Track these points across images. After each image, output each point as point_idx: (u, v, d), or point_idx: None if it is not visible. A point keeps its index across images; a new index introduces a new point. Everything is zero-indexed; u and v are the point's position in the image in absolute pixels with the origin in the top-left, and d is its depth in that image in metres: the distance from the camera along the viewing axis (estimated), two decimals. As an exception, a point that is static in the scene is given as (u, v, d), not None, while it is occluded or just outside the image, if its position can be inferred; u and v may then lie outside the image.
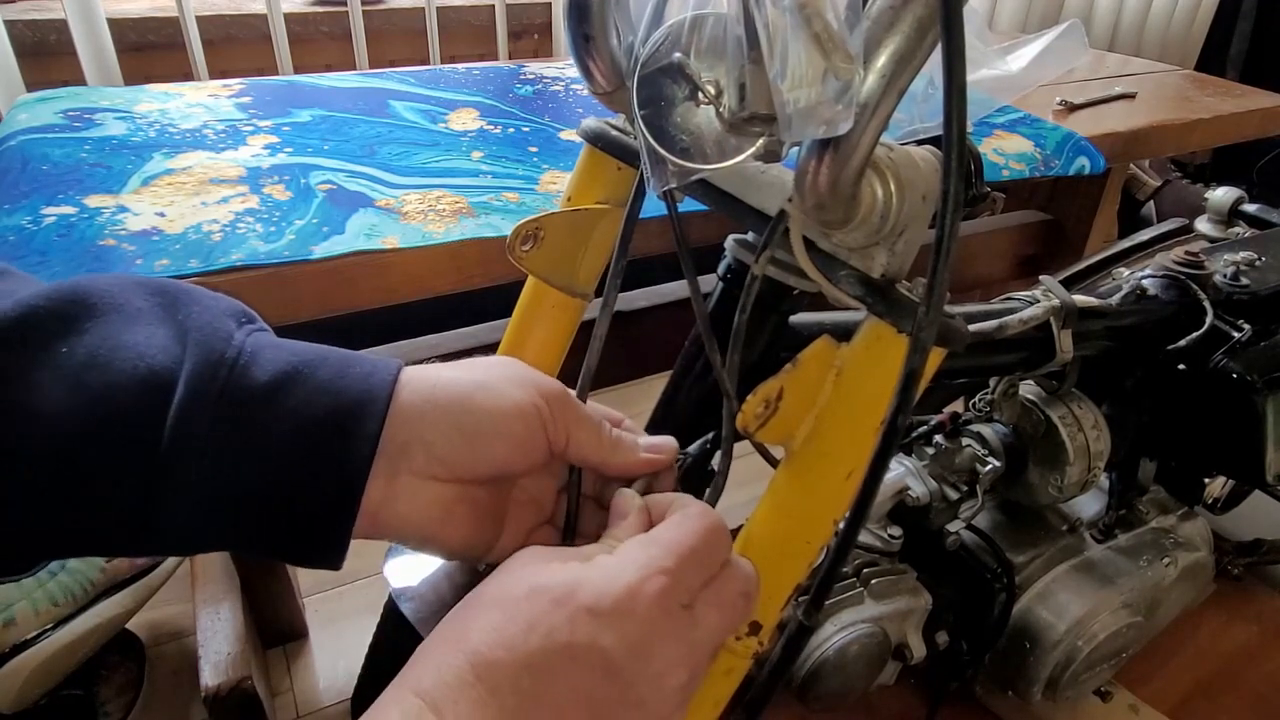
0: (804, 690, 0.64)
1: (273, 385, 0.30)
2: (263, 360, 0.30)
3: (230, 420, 0.29)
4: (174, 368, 0.29)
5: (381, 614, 0.51)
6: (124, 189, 0.67)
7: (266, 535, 0.31)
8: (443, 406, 0.32)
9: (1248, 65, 2.08)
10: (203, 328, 0.30)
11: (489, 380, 0.34)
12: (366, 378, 0.31)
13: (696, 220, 0.67)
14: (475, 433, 0.33)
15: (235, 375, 0.29)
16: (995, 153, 0.91)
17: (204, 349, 0.30)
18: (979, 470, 0.70)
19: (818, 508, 0.34)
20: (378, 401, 0.31)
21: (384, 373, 0.32)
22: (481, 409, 0.33)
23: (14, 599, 0.75)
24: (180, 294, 0.32)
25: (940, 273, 0.27)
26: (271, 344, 0.31)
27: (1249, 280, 0.77)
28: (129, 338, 0.29)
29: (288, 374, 0.30)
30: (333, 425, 0.30)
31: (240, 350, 0.30)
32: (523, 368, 0.36)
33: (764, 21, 0.25)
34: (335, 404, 0.30)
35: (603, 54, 0.36)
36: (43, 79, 1.02)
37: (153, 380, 0.28)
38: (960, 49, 0.24)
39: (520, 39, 1.40)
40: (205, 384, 0.29)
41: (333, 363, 0.31)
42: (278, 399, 0.30)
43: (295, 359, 0.31)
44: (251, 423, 0.29)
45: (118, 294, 0.30)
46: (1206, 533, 0.83)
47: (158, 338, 0.30)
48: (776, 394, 0.33)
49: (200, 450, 0.29)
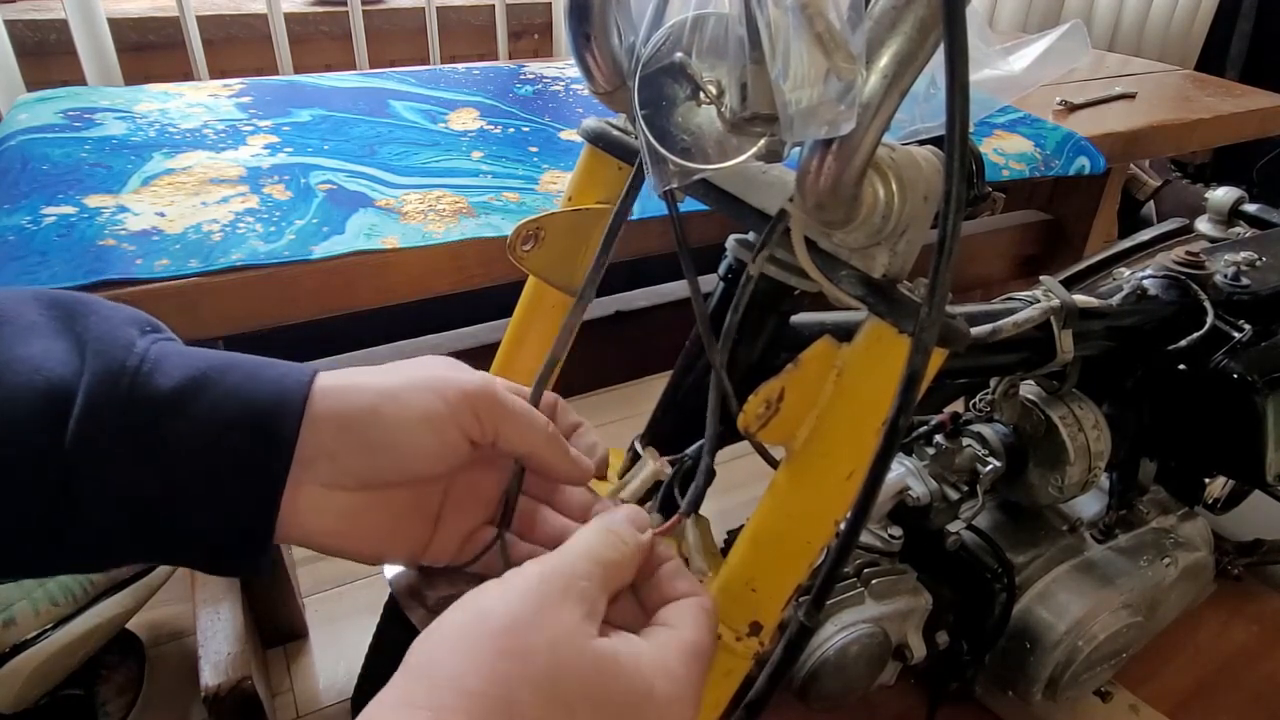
0: (804, 690, 0.64)
1: (179, 391, 0.29)
2: (167, 367, 0.29)
3: (135, 428, 0.28)
4: (72, 379, 0.28)
5: (381, 614, 0.51)
6: (124, 189, 0.67)
7: (182, 545, 0.30)
8: (348, 418, 0.31)
9: (1248, 65, 2.08)
10: (102, 337, 0.29)
11: (398, 387, 0.32)
12: (279, 381, 0.31)
13: (697, 220, 0.67)
14: (381, 444, 0.31)
15: (138, 383, 0.29)
16: (995, 153, 0.91)
17: (104, 358, 0.29)
18: (979, 470, 0.70)
19: (819, 508, 0.34)
20: (292, 404, 0.30)
21: (297, 376, 0.31)
22: (388, 419, 0.31)
23: (14, 599, 0.74)
24: (78, 306, 0.31)
25: (942, 273, 0.27)
26: (177, 352, 0.30)
27: (1249, 280, 0.77)
28: (23, 351, 0.28)
29: (194, 380, 0.29)
30: (246, 431, 0.29)
31: (143, 358, 0.29)
32: (445, 368, 0.34)
33: (766, 21, 0.25)
34: (247, 409, 0.30)
35: (604, 54, 0.36)
36: (43, 79, 1.01)
37: (50, 393, 0.27)
38: (963, 49, 0.24)
39: (520, 39, 1.40)
40: (106, 392, 0.28)
41: (243, 368, 0.30)
42: (185, 405, 0.29)
43: (203, 364, 0.30)
44: (157, 430, 0.28)
45: (10, 308, 0.29)
46: (1206, 533, 0.83)
47: (55, 350, 0.29)
48: (778, 394, 0.33)
49: (104, 459, 0.28)
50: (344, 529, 0.32)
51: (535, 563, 0.28)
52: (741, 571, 0.36)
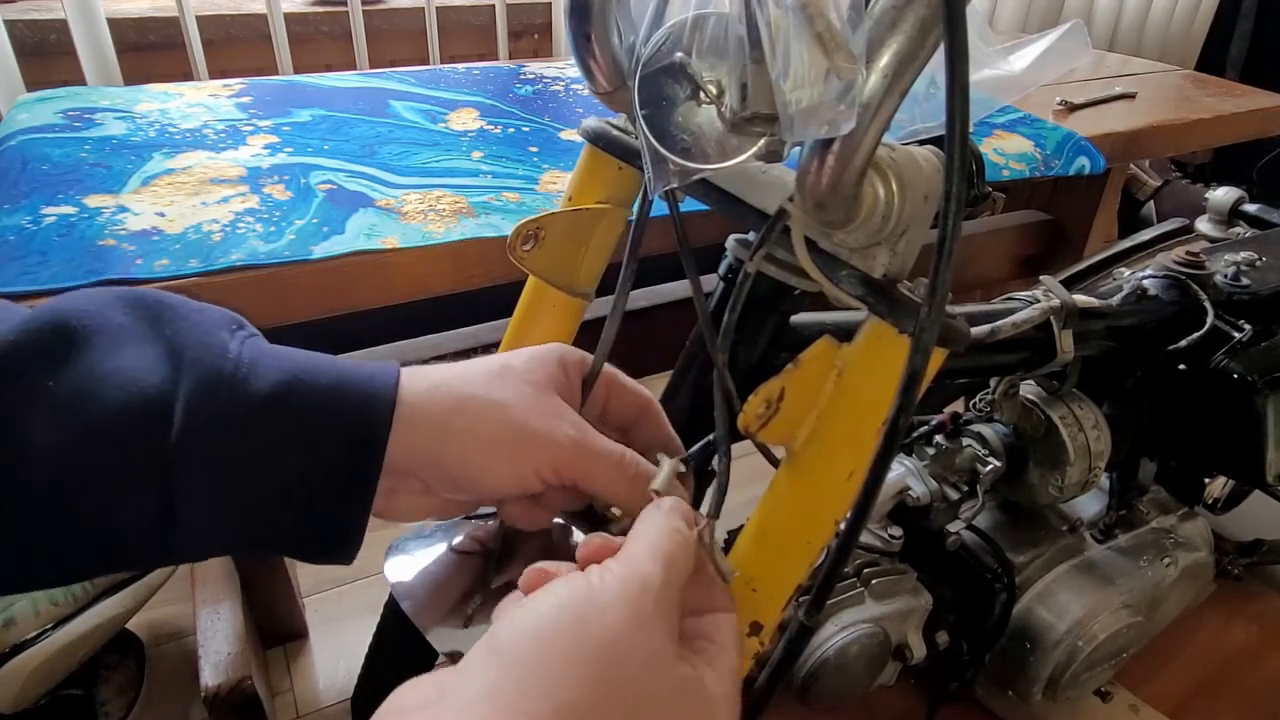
0: (804, 690, 0.64)
1: (273, 397, 0.30)
2: (261, 371, 0.30)
3: (234, 435, 0.29)
4: (166, 388, 0.29)
5: (381, 614, 0.51)
6: (124, 189, 0.67)
7: (280, 538, 0.32)
8: (446, 460, 0.32)
9: (1248, 65, 2.08)
10: (196, 345, 0.30)
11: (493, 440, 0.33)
12: (368, 383, 0.32)
13: (697, 220, 0.67)
14: (474, 487, 0.33)
15: (235, 388, 0.30)
16: (995, 153, 0.91)
17: (201, 366, 0.29)
18: (979, 470, 0.70)
19: (819, 508, 0.34)
20: (382, 408, 0.31)
21: (385, 378, 0.32)
22: (477, 470, 0.33)
23: (14, 599, 0.74)
24: (163, 307, 0.31)
25: (942, 273, 0.27)
26: (268, 354, 0.31)
27: (1249, 280, 0.77)
28: (115, 362, 0.29)
29: (287, 384, 0.30)
30: (337, 440, 0.31)
31: (238, 363, 0.30)
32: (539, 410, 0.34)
33: (766, 21, 0.25)
34: (340, 410, 0.31)
35: (604, 53, 0.36)
36: (43, 79, 1.01)
37: (147, 405, 0.28)
38: (963, 49, 0.24)
39: (520, 39, 1.40)
40: (207, 401, 0.29)
41: (329, 372, 0.31)
42: (279, 411, 0.30)
43: (293, 367, 0.31)
44: (257, 434, 0.30)
45: (96, 314, 0.30)
46: (1206, 533, 0.83)
47: (146, 358, 0.29)
48: (778, 394, 0.33)
49: (205, 464, 0.29)
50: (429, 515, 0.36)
51: (619, 564, 0.28)
52: (742, 571, 0.36)
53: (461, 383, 0.33)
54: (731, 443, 0.36)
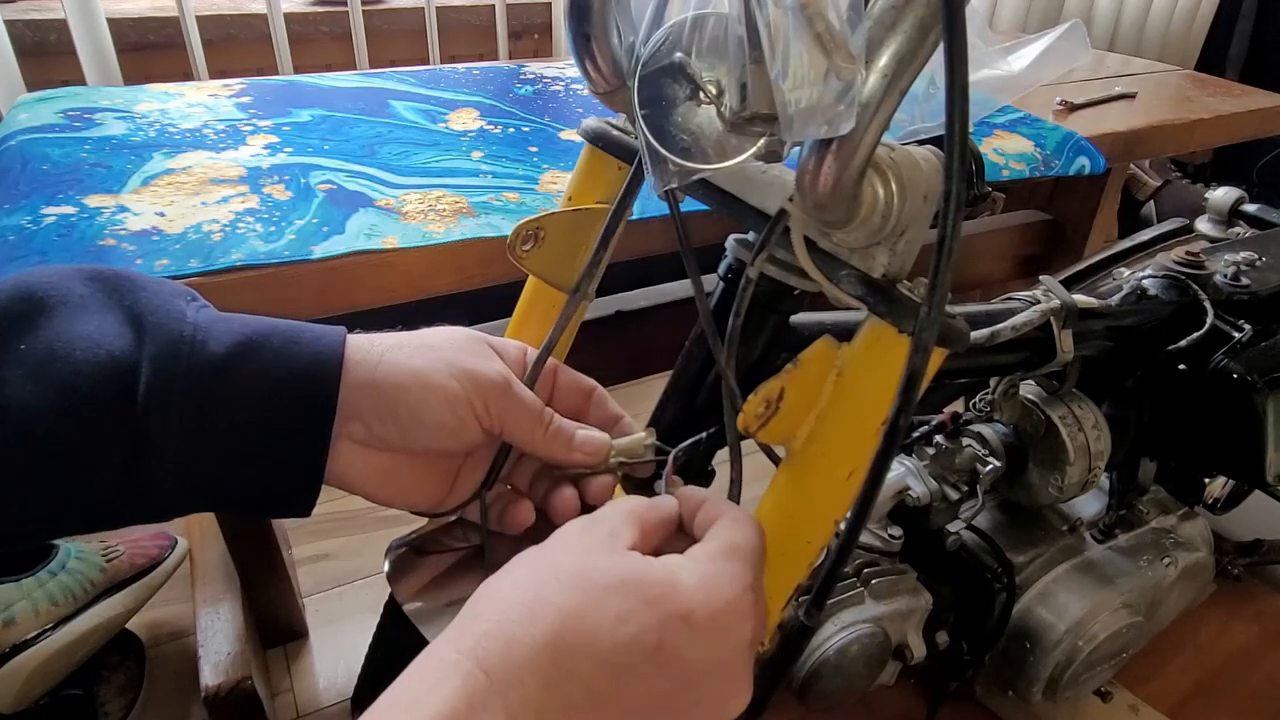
0: (804, 690, 0.64)
1: (230, 357, 0.32)
2: (217, 334, 0.32)
3: (198, 392, 0.31)
4: (131, 350, 0.31)
5: (381, 614, 0.51)
6: (124, 189, 0.67)
7: (242, 494, 0.34)
8: (381, 391, 0.34)
9: (1248, 65, 2.08)
10: (157, 310, 0.32)
11: (426, 370, 0.35)
12: (316, 343, 0.34)
13: (697, 220, 0.66)
14: (406, 419, 0.35)
15: (195, 351, 0.32)
16: (995, 153, 0.91)
17: (162, 330, 0.32)
18: (979, 470, 0.70)
19: (819, 508, 0.34)
20: (330, 370, 0.33)
21: (331, 341, 0.34)
22: (413, 399, 0.35)
23: (14, 599, 0.75)
24: (121, 279, 0.33)
25: (942, 273, 0.27)
26: (220, 319, 0.34)
27: (1249, 280, 0.77)
28: (81, 328, 0.31)
29: (242, 345, 0.33)
30: (292, 394, 0.33)
31: (195, 327, 0.32)
32: (470, 350, 0.37)
33: (765, 21, 0.25)
34: (291, 374, 0.33)
35: (603, 54, 0.36)
36: (43, 79, 1.01)
37: (114, 366, 0.30)
38: (963, 49, 0.24)
39: (520, 39, 1.40)
40: (170, 362, 0.31)
41: (282, 331, 0.34)
42: (237, 370, 0.32)
43: (247, 329, 0.33)
44: (218, 392, 0.32)
45: (59, 285, 0.32)
46: (1206, 533, 0.83)
47: (110, 324, 0.31)
48: (778, 394, 0.33)
49: (172, 421, 0.31)
50: (376, 480, 0.36)
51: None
52: (741, 571, 0.36)
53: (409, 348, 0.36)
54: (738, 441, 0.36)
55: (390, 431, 0.35)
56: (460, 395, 0.35)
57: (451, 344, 0.37)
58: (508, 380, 0.36)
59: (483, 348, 0.37)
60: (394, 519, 1.10)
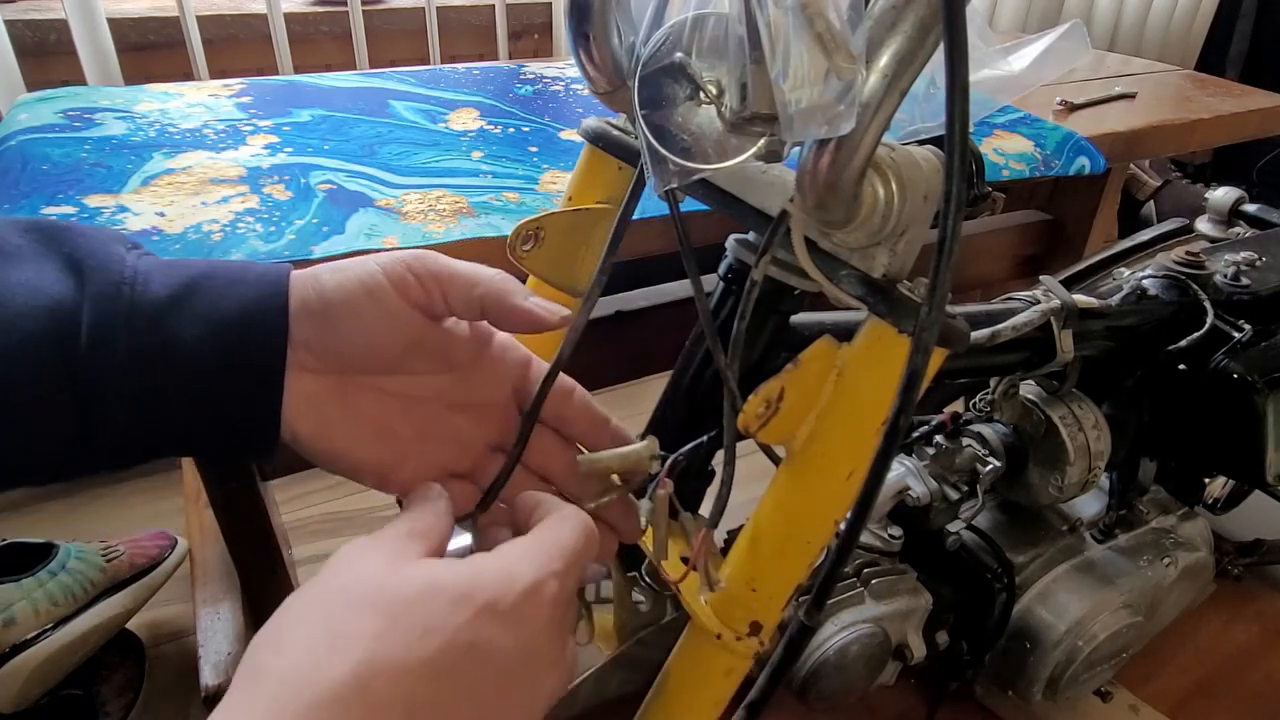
0: (804, 690, 0.64)
1: (174, 298, 0.31)
2: (159, 277, 0.32)
3: (141, 331, 0.30)
4: (72, 295, 0.30)
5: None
6: (124, 189, 0.67)
7: (202, 436, 0.33)
8: (311, 304, 0.33)
9: (1248, 65, 2.08)
10: (95, 253, 0.32)
11: (343, 266, 0.34)
12: (261, 279, 0.33)
13: (697, 220, 0.66)
14: (337, 321, 0.33)
15: (136, 293, 0.31)
16: (995, 153, 0.91)
17: (102, 273, 0.31)
18: (979, 470, 0.70)
19: (819, 508, 0.34)
20: (277, 298, 0.33)
21: (276, 273, 0.33)
22: (334, 296, 0.33)
23: (14, 599, 0.75)
24: (56, 229, 0.33)
25: (942, 273, 0.27)
26: (163, 264, 0.33)
27: (1249, 280, 0.77)
28: (19, 275, 0.30)
29: (186, 286, 0.32)
30: (242, 326, 0.32)
31: (135, 270, 0.32)
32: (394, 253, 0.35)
33: (766, 21, 0.25)
34: (239, 306, 0.32)
35: (603, 54, 0.36)
36: (43, 79, 1.01)
37: (55, 309, 0.30)
38: (963, 49, 0.24)
39: (520, 39, 1.40)
40: (111, 303, 0.30)
41: (226, 272, 0.33)
42: (182, 309, 0.31)
43: (190, 271, 0.33)
44: (163, 331, 0.31)
45: None
46: (1206, 533, 0.83)
47: (47, 272, 0.31)
48: (778, 394, 0.33)
49: (118, 364, 0.30)
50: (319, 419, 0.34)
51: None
52: (741, 571, 0.36)
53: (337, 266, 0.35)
54: (735, 442, 0.36)
55: (328, 342, 0.33)
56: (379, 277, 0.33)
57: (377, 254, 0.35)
58: (428, 252, 0.35)
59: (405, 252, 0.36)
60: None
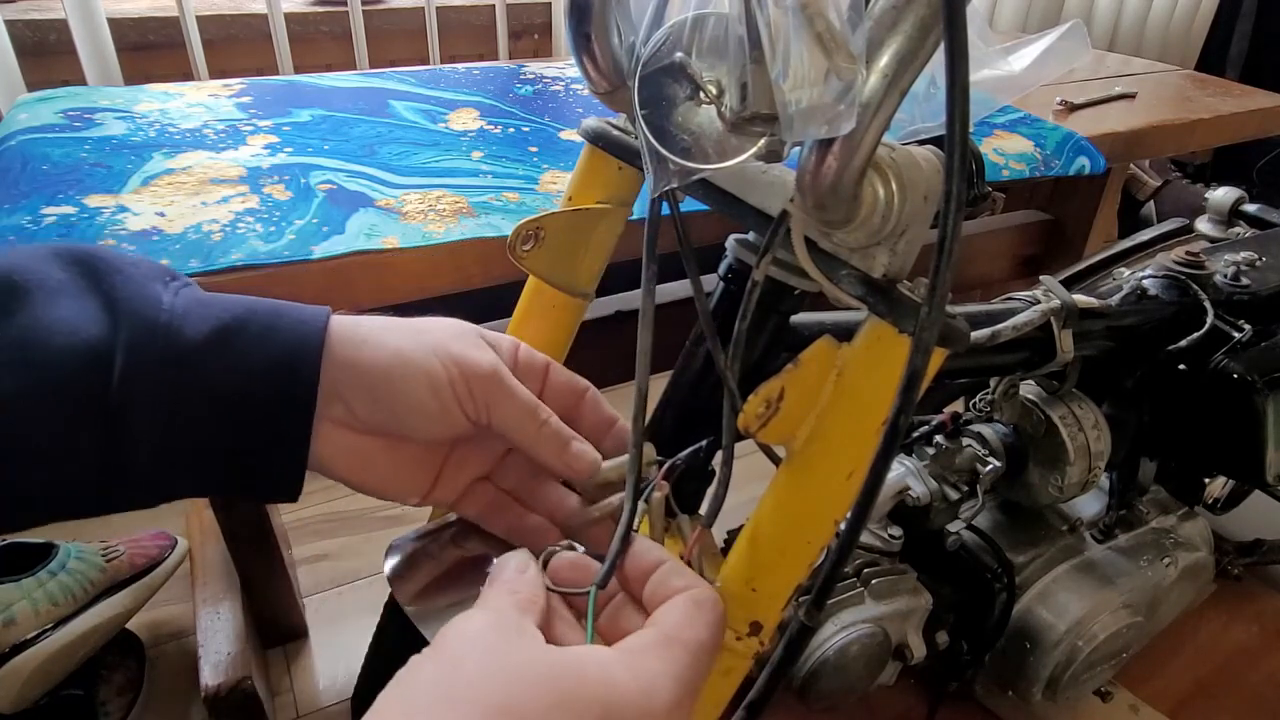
0: (804, 690, 0.64)
1: (208, 343, 0.32)
2: (194, 320, 0.32)
3: (172, 380, 0.31)
4: (107, 337, 0.30)
5: (381, 614, 0.51)
6: (124, 189, 0.67)
7: (227, 477, 0.33)
8: (363, 372, 0.33)
9: (1248, 65, 2.08)
10: (132, 297, 0.32)
11: (411, 351, 0.34)
12: (297, 329, 0.33)
13: (697, 220, 0.66)
14: (388, 403, 0.34)
15: (171, 337, 0.31)
16: (995, 153, 0.91)
17: (137, 317, 0.31)
18: (979, 470, 0.70)
19: (819, 508, 0.34)
20: (311, 352, 0.33)
21: (314, 322, 0.33)
22: (395, 381, 0.34)
23: (14, 599, 0.75)
24: (98, 261, 0.33)
25: (943, 273, 0.27)
26: (199, 302, 0.33)
27: (1249, 280, 0.77)
28: (57, 314, 0.30)
29: (219, 331, 0.32)
30: (272, 377, 0.32)
31: (172, 313, 0.32)
32: (458, 336, 0.36)
33: (766, 21, 0.25)
34: (271, 358, 0.32)
35: (603, 54, 0.36)
36: (43, 79, 1.01)
37: (89, 352, 0.30)
38: (963, 49, 0.24)
39: (520, 39, 1.40)
40: (143, 349, 0.31)
41: (261, 317, 0.33)
42: (216, 355, 0.32)
43: (225, 314, 0.32)
44: (194, 378, 0.31)
45: (35, 270, 0.31)
46: (1206, 533, 0.83)
47: (86, 310, 0.31)
48: (778, 394, 0.33)
49: (150, 408, 0.30)
50: (357, 465, 0.35)
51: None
52: (741, 571, 0.36)
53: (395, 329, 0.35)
54: (734, 442, 0.36)
55: (371, 413, 0.34)
56: (443, 378, 0.34)
57: (441, 329, 0.36)
58: (497, 368, 0.35)
59: (474, 336, 0.36)
60: (394, 519, 1.10)
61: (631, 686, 0.26)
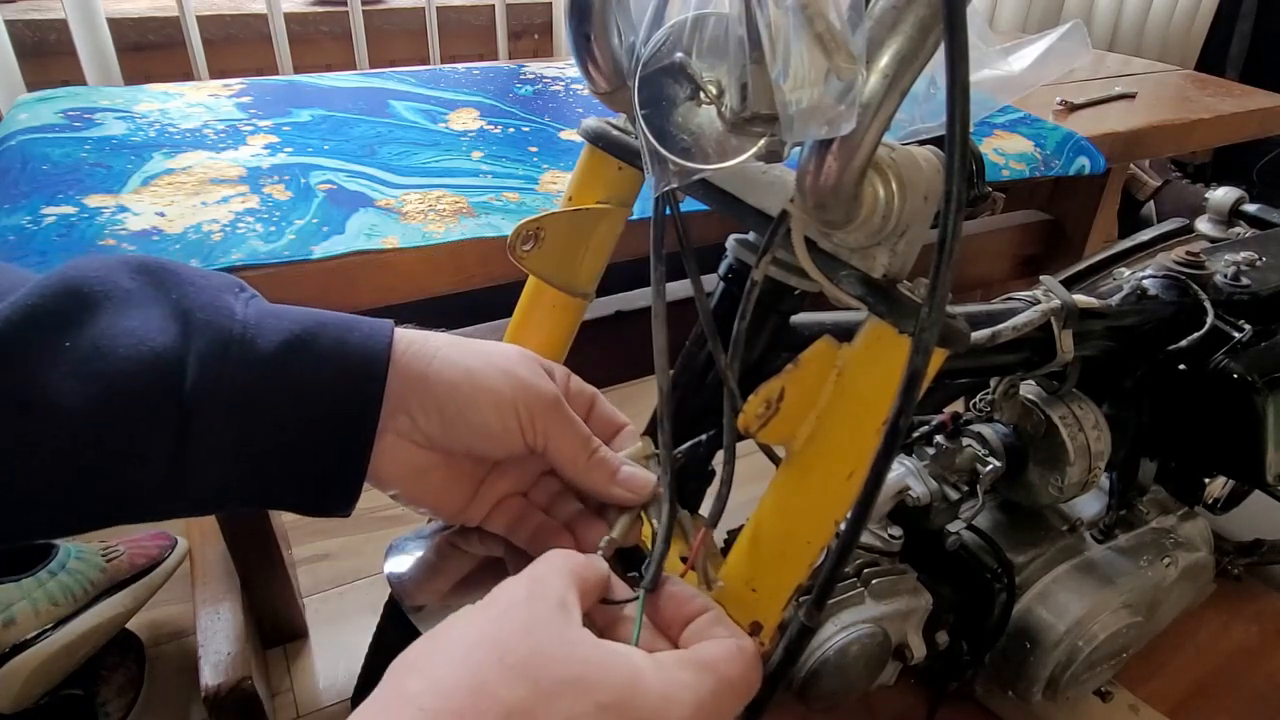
0: (804, 690, 0.64)
1: (280, 355, 0.32)
2: (266, 331, 0.32)
3: (244, 391, 0.31)
4: (176, 346, 0.31)
5: (381, 614, 0.51)
6: (124, 189, 0.67)
7: (287, 490, 0.33)
8: (433, 387, 0.34)
9: (1248, 65, 2.09)
10: (205, 307, 0.32)
11: (482, 372, 0.35)
12: (365, 342, 0.33)
13: (697, 220, 0.66)
14: (457, 420, 0.35)
15: (245, 348, 0.31)
16: (995, 153, 0.91)
17: (210, 328, 0.31)
18: (979, 470, 0.70)
19: (819, 508, 0.34)
20: (379, 363, 0.33)
21: (380, 334, 0.34)
22: (463, 397, 0.34)
23: (14, 599, 0.75)
24: (167, 273, 0.33)
25: (943, 273, 0.27)
26: (270, 313, 0.33)
27: (1249, 280, 0.77)
28: (126, 324, 0.31)
29: (291, 343, 0.32)
30: (342, 386, 0.33)
31: (245, 324, 0.32)
32: (524, 363, 0.36)
33: (766, 21, 0.25)
34: (340, 372, 0.33)
35: (604, 54, 0.36)
36: (43, 79, 1.01)
37: (159, 363, 0.30)
38: (963, 49, 0.24)
39: (520, 39, 1.40)
40: (217, 361, 0.31)
41: (331, 329, 0.33)
42: (286, 368, 0.32)
43: (297, 326, 0.33)
44: (264, 391, 0.32)
45: (105, 279, 0.32)
46: (1206, 533, 0.83)
47: (155, 320, 0.31)
48: (778, 394, 0.33)
49: (221, 421, 0.31)
50: (413, 477, 0.36)
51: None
52: (741, 571, 0.36)
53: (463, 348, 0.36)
54: (734, 442, 0.36)
55: (435, 427, 0.34)
56: (509, 401, 0.35)
57: (505, 354, 0.37)
58: (559, 398, 0.36)
59: (536, 364, 0.37)
60: (394, 519, 1.10)
61: (655, 688, 0.27)
